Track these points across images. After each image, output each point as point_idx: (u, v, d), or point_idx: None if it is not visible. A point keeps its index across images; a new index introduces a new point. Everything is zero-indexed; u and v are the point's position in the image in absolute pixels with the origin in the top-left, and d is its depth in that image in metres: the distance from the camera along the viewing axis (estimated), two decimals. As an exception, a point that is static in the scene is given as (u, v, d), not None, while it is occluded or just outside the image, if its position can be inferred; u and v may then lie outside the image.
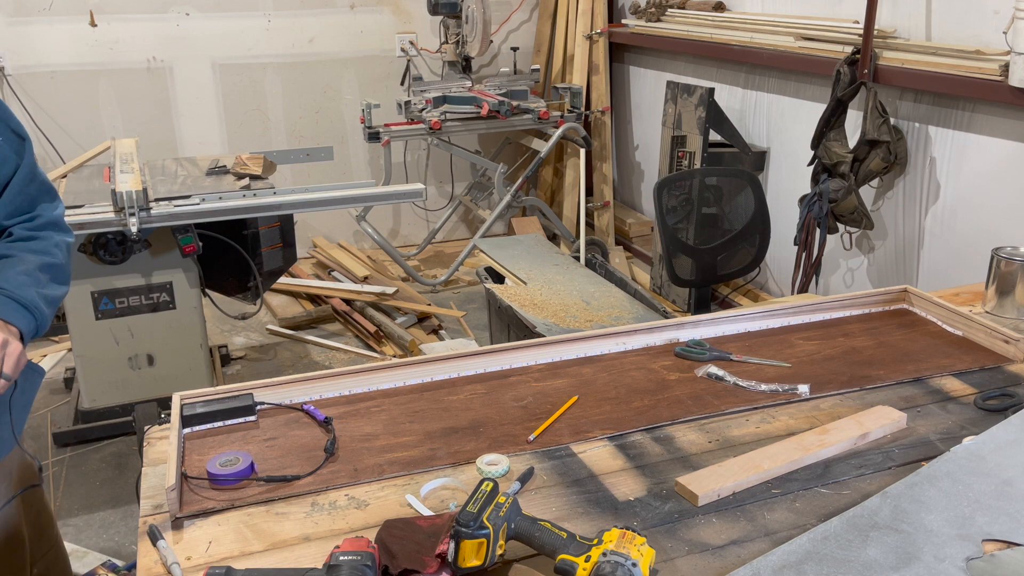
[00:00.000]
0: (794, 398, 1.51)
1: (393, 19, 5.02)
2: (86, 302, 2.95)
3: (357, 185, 3.11)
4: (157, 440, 1.39)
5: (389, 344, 3.93)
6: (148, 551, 1.12)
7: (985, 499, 1.19)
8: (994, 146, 2.84)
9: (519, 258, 2.92)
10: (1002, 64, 2.62)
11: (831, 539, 1.11)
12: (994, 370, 1.61)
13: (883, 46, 3.11)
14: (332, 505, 1.22)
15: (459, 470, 1.30)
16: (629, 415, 1.45)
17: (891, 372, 1.59)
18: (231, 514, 1.20)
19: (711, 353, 1.67)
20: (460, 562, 1.03)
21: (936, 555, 1.08)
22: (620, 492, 1.24)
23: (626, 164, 5.33)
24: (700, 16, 4.21)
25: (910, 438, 1.38)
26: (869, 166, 3.12)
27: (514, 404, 1.49)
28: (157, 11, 4.55)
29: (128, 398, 3.09)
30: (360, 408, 1.48)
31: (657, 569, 1.07)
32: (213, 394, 1.45)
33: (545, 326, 2.35)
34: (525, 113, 4.40)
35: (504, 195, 4.47)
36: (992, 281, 1.87)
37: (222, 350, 3.83)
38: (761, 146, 4.01)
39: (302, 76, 4.90)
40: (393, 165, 4.45)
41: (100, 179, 3.18)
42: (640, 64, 5.01)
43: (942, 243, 3.11)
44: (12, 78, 4.37)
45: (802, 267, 3.43)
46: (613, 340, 1.69)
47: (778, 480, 1.27)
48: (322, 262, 4.83)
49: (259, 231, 3.13)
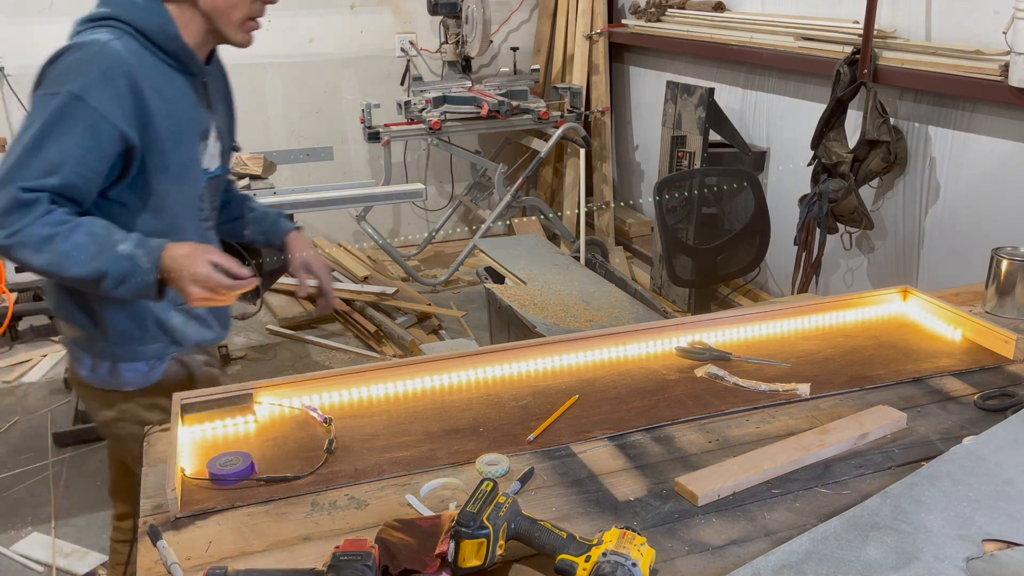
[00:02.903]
0: (794, 398, 1.51)
1: (393, 19, 5.02)
2: (86, 302, 2.94)
3: (357, 185, 3.12)
4: (157, 440, 1.39)
5: (389, 344, 3.93)
6: (148, 551, 1.12)
7: (985, 499, 1.19)
8: (994, 146, 2.84)
9: (519, 258, 2.92)
10: (1002, 64, 2.62)
11: (831, 539, 1.11)
12: (994, 370, 1.61)
13: (883, 46, 3.11)
14: (332, 505, 1.22)
15: (459, 470, 1.30)
16: (629, 415, 1.45)
17: (891, 372, 1.59)
18: (231, 514, 1.20)
19: (711, 353, 1.67)
20: (460, 562, 1.03)
21: (936, 555, 1.08)
22: (620, 492, 1.24)
23: (626, 164, 5.33)
24: (700, 16, 4.21)
25: (910, 438, 1.38)
26: (869, 166, 3.12)
27: (514, 404, 1.49)
28: (157, 11, 4.55)
29: (128, 398, 3.08)
30: (360, 408, 1.48)
31: (657, 569, 1.07)
32: (213, 394, 1.45)
33: (545, 326, 2.35)
34: (525, 113, 4.40)
35: (504, 195, 4.47)
36: (992, 281, 1.87)
37: (222, 350, 3.83)
38: (761, 146, 4.01)
39: (302, 76, 4.90)
40: (393, 165, 4.45)
41: (100, 179, 3.17)
42: (640, 64, 5.01)
43: (942, 243, 3.11)
44: (12, 78, 4.37)
45: (802, 267, 3.43)
46: (613, 340, 1.69)
47: (778, 480, 1.27)
48: (322, 262, 4.83)
49: (259, 231, 3.13)
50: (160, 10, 1.50)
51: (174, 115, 1.52)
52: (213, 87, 1.67)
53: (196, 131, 1.59)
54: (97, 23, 1.49)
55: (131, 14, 1.48)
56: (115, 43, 1.44)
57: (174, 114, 1.52)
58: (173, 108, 1.52)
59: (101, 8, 1.51)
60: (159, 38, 1.50)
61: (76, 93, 1.41)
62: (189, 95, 1.57)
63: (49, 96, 1.42)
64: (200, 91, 1.61)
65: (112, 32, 1.47)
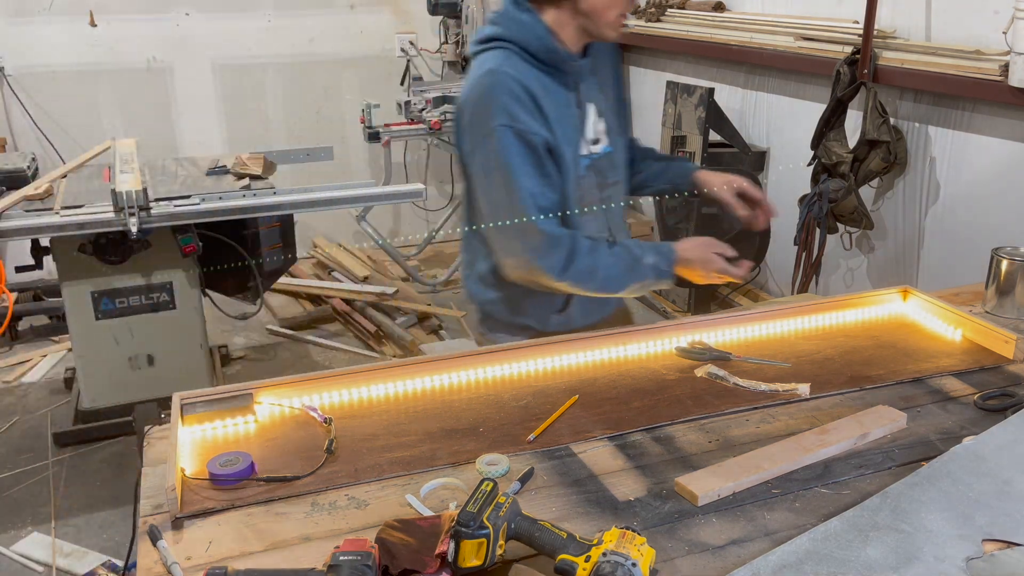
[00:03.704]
0: (794, 398, 1.51)
1: (393, 19, 5.02)
2: (86, 302, 2.95)
3: (357, 185, 3.11)
4: (157, 440, 1.39)
5: (389, 344, 3.93)
6: (148, 551, 1.12)
7: (985, 499, 1.19)
8: (994, 146, 2.84)
9: (519, 258, 2.91)
10: (1002, 64, 2.62)
11: (831, 539, 1.11)
12: (994, 370, 1.61)
13: (883, 46, 3.11)
14: (332, 505, 1.22)
15: (459, 470, 1.30)
16: (629, 415, 1.45)
17: (891, 372, 1.59)
18: (231, 514, 1.20)
19: (711, 353, 1.67)
20: (460, 562, 1.03)
21: (936, 555, 1.08)
22: (620, 492, 1.24)
23: (626, 164, 5.32)
24: (700, 16, 4.21)
25: (910, 438, 1.38)
26: (869, 166, 3.12)
27: (514, 404, 1.49)
28: (157, 11, 4.55)
29: (128, 398, 3.09)
30: (360, 408, 1.48)
31: (657, 569, 1.07)
32: (213, 394, 1.45)
33: (545, 326, 2.34)
34: (525, 113, 4.39)
35: (504, 195, 4.46)
36: (992, 281, 1.87)
37: (222, 350, 3.83)
38: (761, 146, 4.01)
39: (302, 76, 4.90)
40: (393, 165, 4.45)
41: (100, 179, 3.18)
42: (640, 64, 5.01)
43: (942, 243, 3.11)
44: (12, 78, 4.37)
45: (802, 267, 3.42)
46: (613, 340, 1.69)
47: (778, 480, 1.27)
48: (322, 262, 4.83)
49: (259, 231, 3.13)
50: (541, 26, 1.69)
51: (559, 117, 1.71)
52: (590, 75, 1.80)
53: (573, 127, 1.76)
54: (488, 44, 1.72)
55: (519, 34, 1.69)
56: (506, 67, 1.66)
57: (559, 116, 1.71)
58: (558, 111, 1.71)
59: (494, 28, 1.73)
60: (541, 53, 1.69)
61: (505, 124, 1.64)
62: (564, 95, 1.74)
63: (485, 138, 1.66)
64: (572, 88, 1.76)
65: (501, 54, 1.69)
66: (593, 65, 1.81)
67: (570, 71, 1.74)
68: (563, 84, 1.74)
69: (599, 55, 1.84)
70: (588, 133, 1.80)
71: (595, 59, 1.82)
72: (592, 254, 1.69)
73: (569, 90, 1.75)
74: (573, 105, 1.76)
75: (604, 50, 1.85)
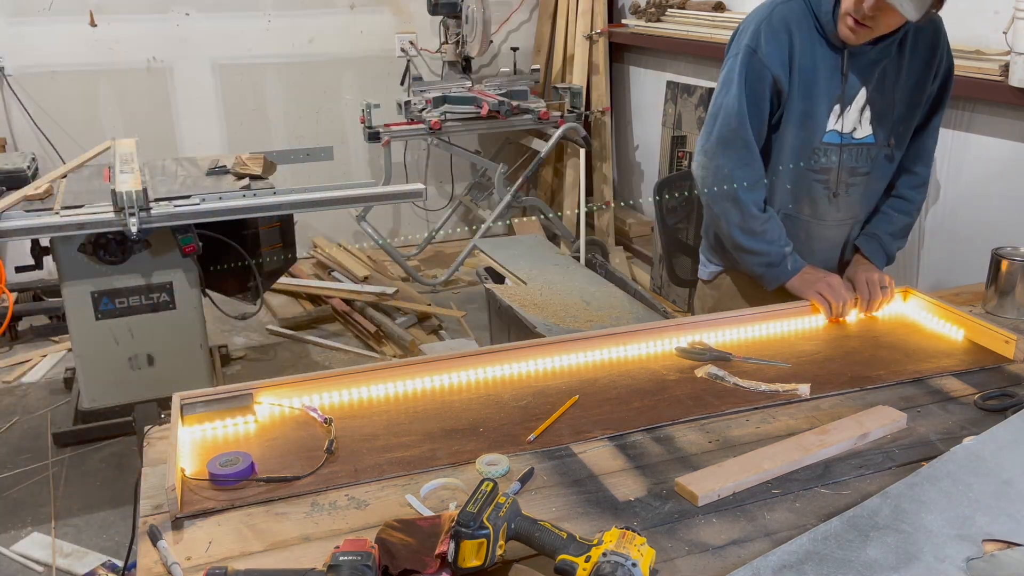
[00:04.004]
0: (794, 398, 1.51)
1: (393, 19, 5.02)
2: (86, 302, 2.94)
3: (357, 185, 3.11)
4: (157, 440, 1.39)
5: (389, 344, 3.93)
6: (148, 551, 1.12)
7: (985, 499, 1.19)
8: (994, 146, 2.84)
9: (519, 258, 2.92)
10: (1002, 64, 2.62)
11: (831, 539, 1.11)
12: (994, 370, 1.61)
13: (883, 46, 3.10)
14: (332, 505, 1.22)
15: (459, 470, 1.30)
16: (629, 415, 1.45)
17: (891, 372, 1.59)
18: (231, 514, 1.20)
19: (711, 353, 1.67)
20: (460, 562, 1.03)
21: (936, 555, 1.08)
22: (620, 492, 1.24)
23: (626, 164, 5.33)
24: (700, 16, 4.21)
25: (910, 438, 1.38)
26: (869, 166, 3.11)
27: (514, 404, 1.49)
28: (157, 11, 4.55)
29: (128, 398, 3.09)
30: (360, 408, 1.48)
31: (657, 569, 1.07)
32: (213, 394, 1.45)
33: (545, 326, 2.35)
34: (525, 113, 4.39)
35: (504, 195, 4.47)
36: (992, 281, 1.87)
37: (222, 350, 3.83)
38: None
39: (302, 76, 4.90)
40: (393, 165, 4.45)
41: (100, 179, 3.18)
42: (640, 64, 5.01)
43: (942, 243, 3.11)
44: (12, 78, 4.37)
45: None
46: (613, 340, 1.69)
47: (778, 480, 1.27)
48: (322, 262, 4.83)
49: (259, 231, 3.13)
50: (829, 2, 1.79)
51: (808, 71, 1.83)
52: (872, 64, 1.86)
53: (826, 93, 1.86)
54: None
55: None
56: (785, 7, 1.82)
57: (808, 70, 1.83)
58: (810, 65, 1.83)
59: None
60: (818, 12, 1.81)
61: (751, 46, 1.82)
62: (828, 61, 1.84)
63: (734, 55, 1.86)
64: (841, 62, 1.84)
65: None
66: (881, 57, 1.85)
67: (839, 44, 1.82)
68: (834, 53, 1.83)
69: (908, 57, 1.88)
70: (851, 114, 1.88)
71: (893, 58, 1.87)
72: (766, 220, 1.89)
73: (836, 62, 1.84)
74: (837, 76, 1.85)
75: (918, 55, 1.90)
